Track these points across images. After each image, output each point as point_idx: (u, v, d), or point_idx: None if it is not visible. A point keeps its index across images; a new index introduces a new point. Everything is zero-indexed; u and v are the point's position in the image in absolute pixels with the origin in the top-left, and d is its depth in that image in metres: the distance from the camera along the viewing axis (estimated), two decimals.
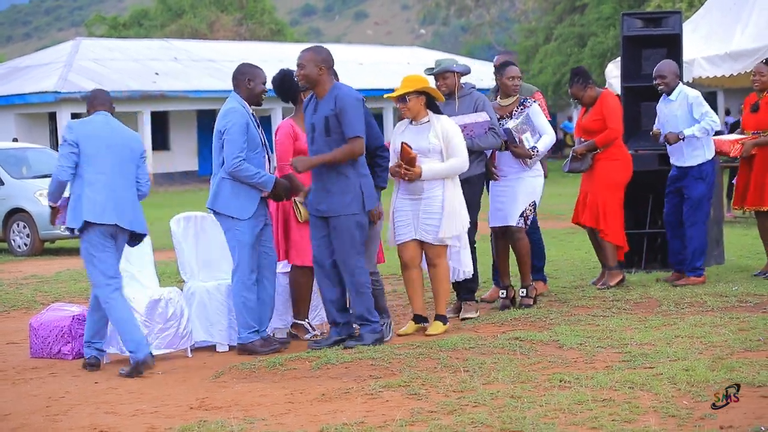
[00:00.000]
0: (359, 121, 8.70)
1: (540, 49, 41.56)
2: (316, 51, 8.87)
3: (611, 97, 10.95)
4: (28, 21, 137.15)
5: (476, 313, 9.93)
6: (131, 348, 8.44)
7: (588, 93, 10.94)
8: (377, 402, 7.05)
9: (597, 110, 10.88)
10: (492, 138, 9.81)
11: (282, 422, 6.72)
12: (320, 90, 8.79)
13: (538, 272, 10.87)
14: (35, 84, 36.80)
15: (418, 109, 9.28)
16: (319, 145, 8.79)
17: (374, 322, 8.90)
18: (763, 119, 11.13)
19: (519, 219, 10.12)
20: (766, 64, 11.25)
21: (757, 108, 11.22)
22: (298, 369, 8.16)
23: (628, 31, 12.34)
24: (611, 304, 10.05)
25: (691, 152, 10.91)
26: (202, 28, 55.75)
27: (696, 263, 10.98)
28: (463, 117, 9.71)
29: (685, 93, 10.92)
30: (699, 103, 10.85)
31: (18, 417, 7.29)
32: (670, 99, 10.97)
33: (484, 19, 59.76)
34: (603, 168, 10.87)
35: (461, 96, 9.91)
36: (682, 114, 10.89)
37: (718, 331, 8.55)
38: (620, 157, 10.95)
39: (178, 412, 7.17)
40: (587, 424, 6.24)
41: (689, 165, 10.94)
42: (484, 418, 6.42)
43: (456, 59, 10.02)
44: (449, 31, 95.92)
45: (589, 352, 8.13)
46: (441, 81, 9.90)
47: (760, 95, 11.24)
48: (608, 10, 38.08)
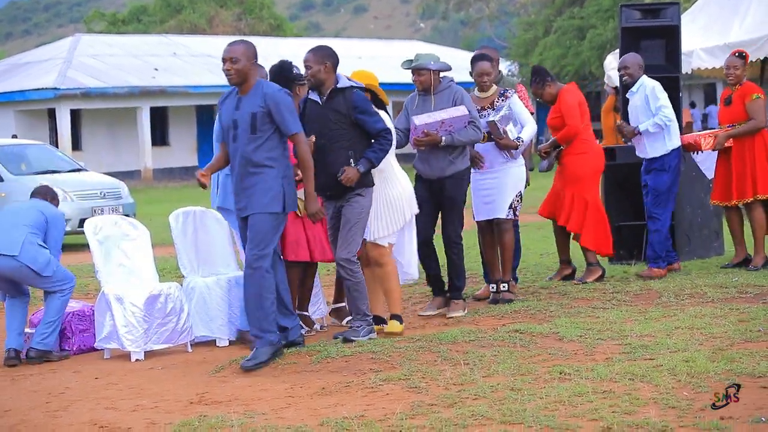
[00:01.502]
0: (295, 116, 8.37)
1: (539, 42, 41.43)
2: (247, 45, 8.53)
3: (569, 93, 10.81)
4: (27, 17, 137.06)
5: (463, 312, 9.78)
6: None
7: (547, 90, 10.86)
8: (377, 395, 7.05)
9: (557, 107, 10.84)
10: (472, 131, 9.63)
11: (282, 416, 6.71)
12: (246, 86, 8.41)
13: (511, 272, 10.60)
14: (34, 80, 36.81)
15: None
16: (242, 142, 8.32)
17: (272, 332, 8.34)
18: (736, 112, 11.13)
19: (508, 211, 10.08)
20: (738, 57, 11.22)
21: (730, 101, 11.21)
22: (298, 363, 8.16)
23: (626, 22, 12.32)
24: (611, 296, 10.05)
25: (653, 144, 10.92)
26: (201, 23, 55.69)
27: (660, 254, 10.98)
28: (440, 112, 9.56)
29: (645, 84, 10.95)
30: (655, 96, 10.85)
31: (18, 413, 7.29)
32: (632, 91, 11.01)
33: (484, 12, 59.57)
34: (571, 163, 10.80)
35: (439, 91, 9.73)
36: (642, 106, 10.93)
37: (718, 323, 8.54)
38: (586, 150, 10.81)
39: (178, 407, 7.17)
40: (587, 416, 6.24)
41: (652, 157, 10.95)
42: (484, 411, 6.42)
43: (436, 55, 9.78)
44: (449, 25, 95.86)
45: (589, 344, 8.12)
46: (416, 77, 9.76)
47: (733, 89, 11.23)
48: (607, 2, 38.01)
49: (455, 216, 9.80)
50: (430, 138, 9.51)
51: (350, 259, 8.78)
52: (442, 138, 9.51)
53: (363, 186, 8.80)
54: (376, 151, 8.77)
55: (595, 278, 10.86)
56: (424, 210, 9.65)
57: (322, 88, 8.75)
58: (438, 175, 9.68)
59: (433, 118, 9.48)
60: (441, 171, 9.67)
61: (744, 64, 11.23)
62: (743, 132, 11.07)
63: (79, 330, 9.42)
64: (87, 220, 9.61)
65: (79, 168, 20.86)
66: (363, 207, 8.83)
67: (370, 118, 8.74)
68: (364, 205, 8.83)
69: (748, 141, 11.08)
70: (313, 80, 8.72)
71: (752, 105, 11.03)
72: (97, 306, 9.19)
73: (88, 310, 9.52)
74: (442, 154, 9.65)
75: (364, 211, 8.84)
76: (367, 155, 8.71)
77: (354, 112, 8.70)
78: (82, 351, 9.36)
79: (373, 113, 8.76)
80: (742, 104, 11.08)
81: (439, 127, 9.48)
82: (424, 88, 9.75)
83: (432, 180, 9.73)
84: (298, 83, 9.37)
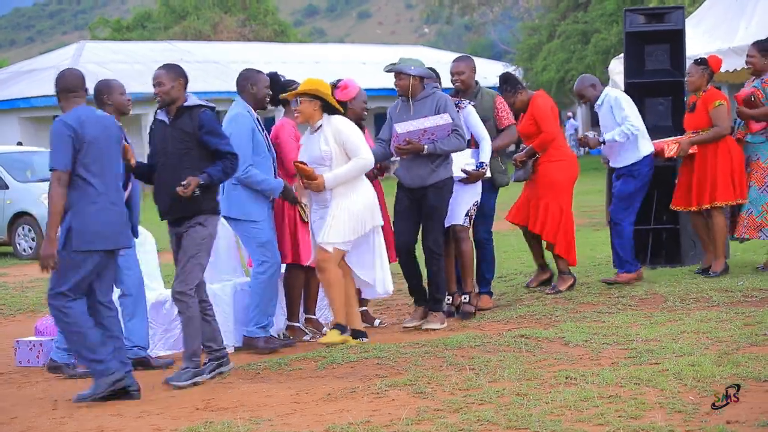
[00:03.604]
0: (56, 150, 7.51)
1: (543, 47, 41.44)
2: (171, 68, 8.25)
3: (542, 98, 10.74)
4: (31, 25, 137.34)
5: (441, 325, 9.52)
6: None
7: (519, 98, 10.76)
8: (383, 401, 7.04)
9: (529, 114, 10.75)
10: (455, 140, 9.42)
11: (288, 422, 6.71)
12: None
13: (486, 285, 10.53)
14: (39, 88, 36.83)
15: (309, 113, 8.97)
16: None
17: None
18: (699, 119, 11.04)
19: (464, 218, 9.92)
20: (697, 65, 11.11)
21: (693, 108, 11.15)
22: (304, 369, 8.16)
23: (630, 27, 12.31)
24: (616, 301, 10.04)
25: (624, 153, 10.91)
26: (205, 29, 55.76)
27: (625, 259, 10.94)
28: (423, 120, 9.36)
29: (609, 96, 10.95)
30: (619, 106, 10.83)
31: (24, 420, 7.30)
32: (598, 105, 11.02)
33: (488, 17, 59.68)
34: (544, 170, 10.71)
35: (421, 98, 9.53)
36: (608, 117, 10.91)
37: (723, 327, 8.53)
38: (562, 157, 10.75)
39: (183, 414, 7.17)
40: (593, 420, 6.23)
41: (622, 165, 10.94)
42: (490, 416, 6.41)
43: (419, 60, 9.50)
44: (453, 30, 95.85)
45: (594, 349, 8.12)
46: (396, 81, 9.56)
47: (696, 95, 11.14)
48: (611, 7, 38.00)
49: (436, 226, 9.54)
50: (412, 146, 9.35)
51: (185, 292, 8.05)
52: (425, 146, 9.36)
53: (206, 213, 8.14)
54: (219, 171, 8.11)
55: (567, 286, 10.77)
56: (405, 219, 9.54)
57: (172, 106, 8.20)
58: (419, 183, 9.48)
59: (415, 126, 9.34)
60: (422, 180, 9.46)
61: (704, 70, 11.10)
62: (706, 139, 10.95)
63: None
64: None
65: None
66: (203, 238, 8.12)
67: (217, 139, 8.11)
68: (204, 236, 8.12)
69: (711, 148, 10.96)
70: (165, 98, 8.18)
71: (715, 112, 10.92)
72: None
73: None
74: (424, 162, 9.44)
75: (204, 243, 8.13)
76: (208, 170, 8.10)
77: (200, 132, 8.07)
78: None
79: (220, 134, 8.15)
80: (705, 111, 10.96)
81: (422, 135, 9.33)
82: (404, 93, 9.58)
83: (414, 189, 9.53)
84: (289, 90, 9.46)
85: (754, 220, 11.00)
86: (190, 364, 8.06)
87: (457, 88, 10.33)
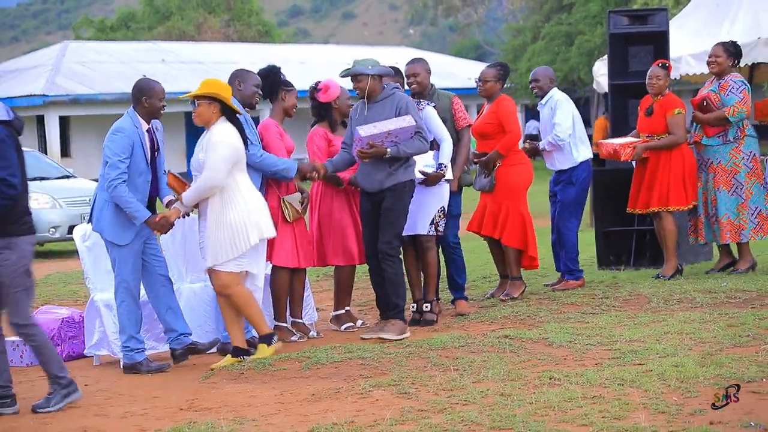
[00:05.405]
0: None
1: (528, 48, 41.50)
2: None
3: (509, 100, 10.54)
4: (15, 24, 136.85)
5: (401, 335, 9.10)
6: None
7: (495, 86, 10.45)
8: (367, 401, 7.05)
9: (491, 113, 10.42)
10: (419, 142, 9.14)
11: (272, 423, 6.71)
12: None
13: (459, 290, 10.34)
14: (23, 87, 36.71)
15: (208, 116, 8.54)
16: None
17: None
18: (656, 123, 10.99)
19: (429, 227, 9.73)
20: (661, 68, 11.08)
21: (651, 112, 11.08)
22: (288, 369, 8.16)
23: (614, 28, 12.34)
24: (600, 302, 10.06)
25: (560, 157, 10.87)
26: (189, 30, 55.63)
27: (571, 266, 10.93)
28: (387, 123, 9.05)
29: (553, 98, 10.86)
30: (556, 111, 10.76)
31: (8, 420, 7.29)
32: (542, 103, 10.96)
33: (472, 18, 59.75)
34: (504, 175, 10.39)
35: (380, 99, 9.26)
36: (549, 118, 10.86)
37: (707, 328, 8.55)
38: (521, 161, 10.50)
39: (167, 414, 7.17)
40: (577, 421, 6.25)
41: (560, 169, 10.90)
42: (474, 417, 6.42)
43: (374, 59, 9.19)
44: (438, 32, 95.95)
45: (578, 350, 8.13)
46: (355, 84, 9.26)
47: (654, 98, 11.12)
48: (595, 8, 38.07)
49: (389, 228, 9.18)
50: (375, 150, 9.05)
51: (20, 324, 7.47)
52: (388, 150, 9.08)
53: (8, 236, 7.36)
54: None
55: (520, 292, 10.55)
56: (368, 224, 9.34)
57: None
58: (377, 187, 9.20)
59: (379, 129, 9.05)
60: (380, 183, 9.18)
61: (667, 74, 11.04)
62: (662, 146, 10.92)
63: (69, 337, 9.41)
64: (76, 226, 9.61)
65: (68, 175, 20.85)
66: (14, 264, 7.35)
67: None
68: (15, 261, 7.35)
69: (664, 154, 10.92)
70: None
71: (673, 120, 10.88)
72: (87, 313, 9.19)
73: (78, 317, 9.51)
74: (382, 165, 9.16)
75: (19, 268, 7.37)
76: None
77: None
78: (72, 358, 9.34)
79: None
80: (663, 116, 10.91)
81: (385, 138, 9.05)
82: (365, 95, 9.31)
83: (373, 193, 9.26)
84: (285, 89, 9.43)
85: (733, 224, 11.03)
86: (57, 386, 7.54)
87: (413, 90, 10.11)
